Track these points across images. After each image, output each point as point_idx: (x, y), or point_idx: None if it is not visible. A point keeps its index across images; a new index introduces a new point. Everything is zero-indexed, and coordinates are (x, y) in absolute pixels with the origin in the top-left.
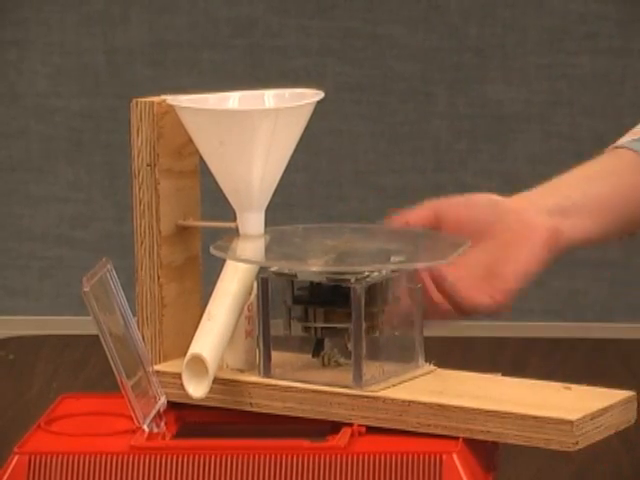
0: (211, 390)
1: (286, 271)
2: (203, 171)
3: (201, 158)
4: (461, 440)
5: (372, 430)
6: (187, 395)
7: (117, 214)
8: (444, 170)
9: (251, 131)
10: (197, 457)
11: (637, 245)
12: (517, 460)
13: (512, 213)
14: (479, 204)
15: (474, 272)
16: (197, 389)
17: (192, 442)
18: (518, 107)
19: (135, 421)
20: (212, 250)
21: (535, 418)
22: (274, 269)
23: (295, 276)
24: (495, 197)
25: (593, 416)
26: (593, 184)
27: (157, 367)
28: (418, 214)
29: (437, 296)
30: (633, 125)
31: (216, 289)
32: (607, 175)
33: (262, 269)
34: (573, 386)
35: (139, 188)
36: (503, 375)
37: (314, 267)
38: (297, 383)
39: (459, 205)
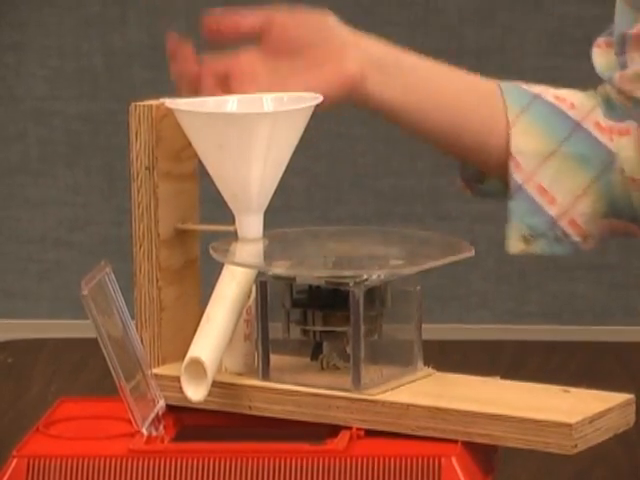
0: (210, 393)
1: (285, 274)
2: (202, 174)
3: (200, 161)
4: (460, 443)
5: (371, 433)
6: (186, 398)
7: (116, 217)
8: (442, 173)
9: (250, 134)
10: (196, 460)
11: (636, 248)
12: (515, 462)
13: (336, 39)
14: (309, 25)
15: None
16: (196, 392)
17: (191, 445)
18: None
19: (134, 424)
20: (211, 251)
21: (534, 421)
22: (273, 272)
23: (294, 279)
24: (333, 23)
25: (592, 419)
26: (434, 72)
27: (156, 370)
28: (250, 20)
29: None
30: None
31: (215, 292)
32: (455, 77)
33: (261, 272)
34: (572, 389)
35: (138, 191)
36: (502, 378)
37: (313, 270)
38: (296, 386)
39: (290, 21)
